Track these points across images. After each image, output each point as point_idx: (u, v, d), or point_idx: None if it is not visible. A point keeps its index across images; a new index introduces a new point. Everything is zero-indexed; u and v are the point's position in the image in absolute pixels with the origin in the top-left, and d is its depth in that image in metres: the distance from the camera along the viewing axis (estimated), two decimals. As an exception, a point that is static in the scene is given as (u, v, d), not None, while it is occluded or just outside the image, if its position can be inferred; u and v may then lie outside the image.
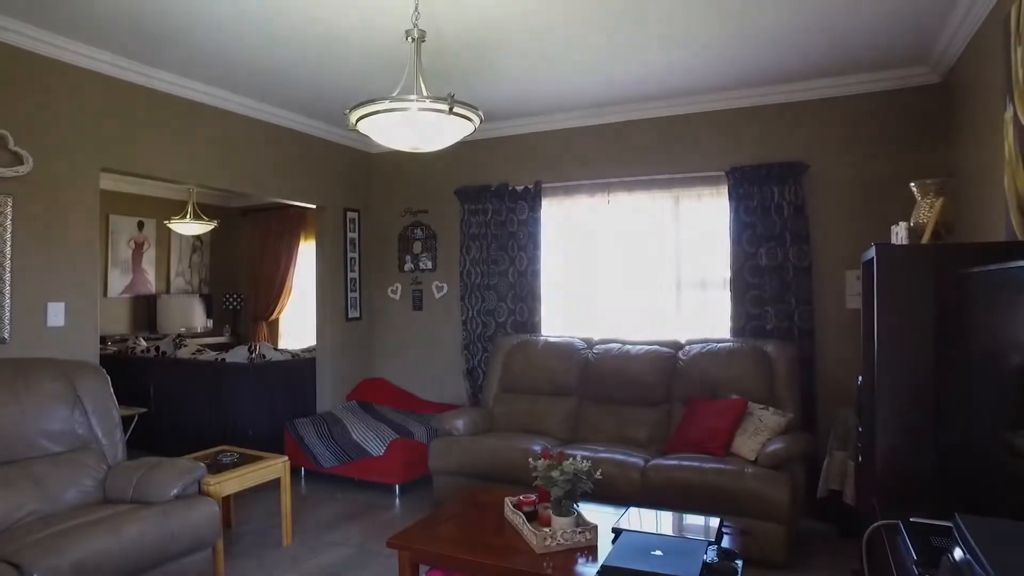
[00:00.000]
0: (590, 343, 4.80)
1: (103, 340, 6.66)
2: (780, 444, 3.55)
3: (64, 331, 3.63)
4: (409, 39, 2.79)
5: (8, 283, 3.40)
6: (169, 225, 7.07)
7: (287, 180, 5.20)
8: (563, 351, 4.75)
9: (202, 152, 4.47)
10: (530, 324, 5.20)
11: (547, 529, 2.56)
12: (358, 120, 2.68)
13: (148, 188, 7.48)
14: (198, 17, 3.29)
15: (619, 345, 4.63)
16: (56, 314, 3.60)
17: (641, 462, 3.75)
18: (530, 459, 3.68)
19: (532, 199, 5.21)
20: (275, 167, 5.07)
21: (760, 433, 3.69)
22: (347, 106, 2.70)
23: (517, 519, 2.72)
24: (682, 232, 4.85)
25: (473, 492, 3.31)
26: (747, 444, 3.69)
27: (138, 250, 7.65)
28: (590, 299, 5.18)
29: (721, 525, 2.67)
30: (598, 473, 2.65)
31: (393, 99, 2.54)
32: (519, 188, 5.27)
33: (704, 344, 4.37)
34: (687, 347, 4.44)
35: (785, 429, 3.75)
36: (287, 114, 5.03)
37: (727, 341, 4.34)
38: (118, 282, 7.42)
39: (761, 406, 3.87)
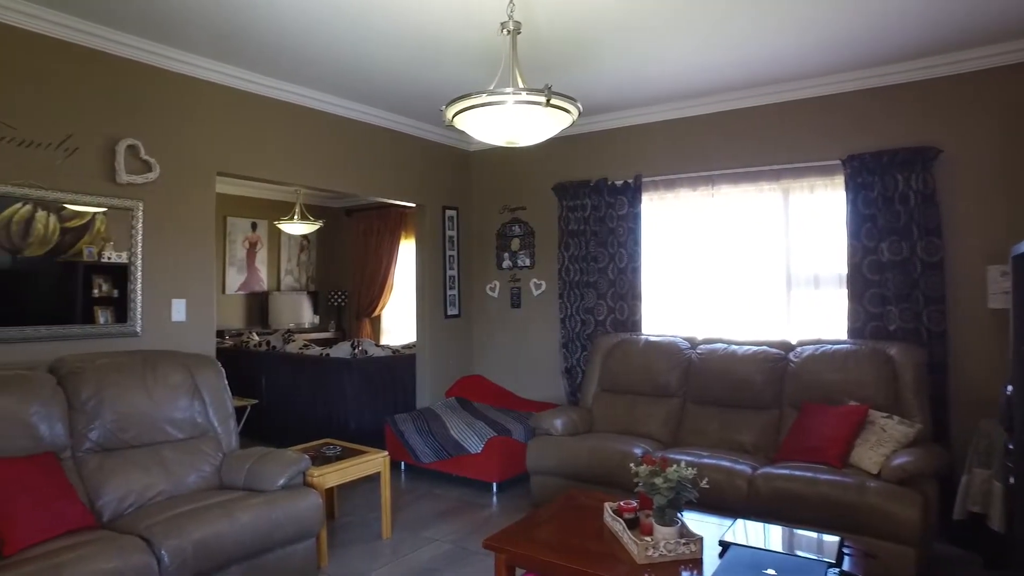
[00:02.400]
0: (693, 343, 4.59)
1: (221, 334, 7.11)
2: (908, 457, 3.22)
3: (185, 326, 3.87)
4: (504, 31, 2.74)
5: (140, 281, 3.66)
6: (278, 225, 7.45)
7: (387, 180, 5.32)
8: (665, 350, 4.57)
9: (307, 154, 4.64)
10: (630, 322, 5.05)
11: (649, 538, 2.44)
12: (454, 116, 2.67)
13: (260, 191, 7.90)
14: (300, 23, 3.39)
15: (724, 345, 4.40)
16: (179, 310, 3.85)
17: (748, 470, 3.53)
18: (630, 463, 3.57)
19: (632, 194, 5.05)
20: (376, 167, 5.19)
21: (884, 444, 3.38)
22: (443, 103, 2.69)
23: (617, 526, 2.61)
24: (792, 226, 4.55)
25: (571, 494, 3.23)
26: (868, 455, 3.39)
27: (252, 249, 8.11)
28: (693, 297, 4.96)
29: (842, 545, 2.45)
30: (704, 482, 2.49)
31: (489, 93, 2.50)
32: (618, 183, 5.12)
33: (817, 345, 4.06)
34: (798, 348, 4.15)
35: (913, 441, 3.41)
36: (386, 115, 5.14)
37: (843, 343, 4.01)
38: (235, 280, 7.90)
39: (884, 414, 3.54)
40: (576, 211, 5.30)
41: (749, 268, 4.71)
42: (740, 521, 2.77)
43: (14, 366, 3.00)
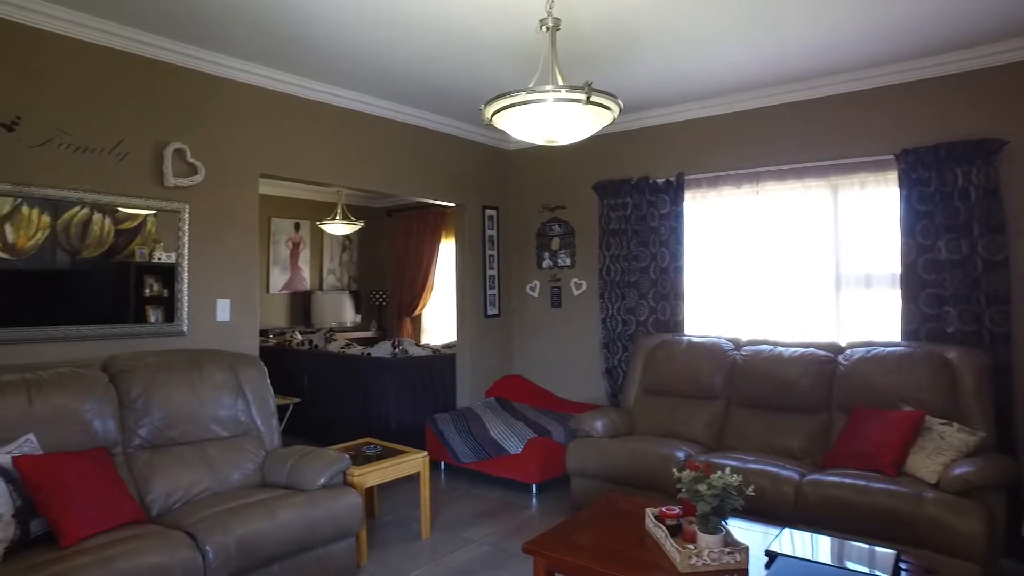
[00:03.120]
0: (737, 344, 4.48)
1: (265, 333, 7.25)
2: (970, 467, 3.05)
3: (230, 325, 3.95)
4: (543, 28, 2.70)
5: (186, 282, 3.75)
6: (321, 226, 7.55)
7: (428, 180, 5.33)
8: (708, 352, 4.47)
9: (348, 155, 4.68)
10: (672, 323, 4.95)
11: (692, 546, 2.37)
12: (493, 115, 2.64)
13: (303, 192, 8.02)
14: (341, 25, 3.41)
15: (770, 347, 4.27)
16: (223, 310, 3.92)
17: (795, 476, 3.42)
18: (673, 467, 3.49)
19: (674, 192, 4.95)
20: (416, 167, 5.21)
21: (942, 452, 3.22)
22: (482, 102, 2.66)
23: (659, 532, 2.55)
24: (841, 224, 4.39)
25: (612, 498, 3.17)
26: (925, 464, 3.23)
27: (295, 249, 8.25)
28: (737, 297, 4.84)
29: (898, 559, 2.34)
30: (750, 489, 2.41)
31: (528, 91, 2.46)
32: (660, 181, 5.03)
33: (869, 348, 3.91)
34: (848, 350, 4.00)
35: (975, 450, 3.24)
36: (426, 115, 5.15)
37: (897, 345, 3.85)
38: (278, 279, 8.05)
39: (942, 421, 3.38)
40: (617, 210, 5.22)
41: (795, 267, 4.56)
42: (787, 530, 2.67)
43: (70, 363, 3.10)
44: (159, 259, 3.66)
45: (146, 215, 3.60)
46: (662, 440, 4.16)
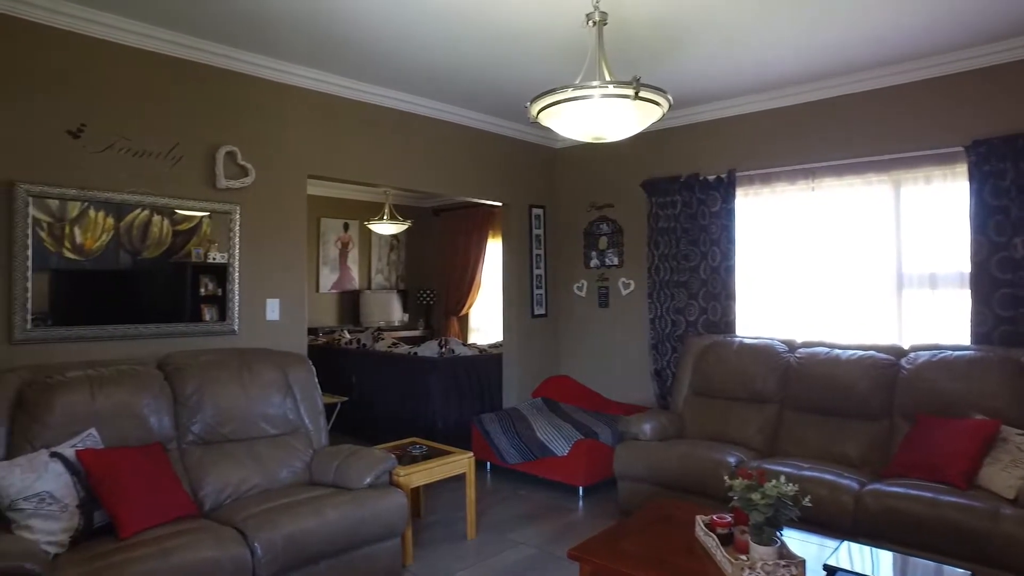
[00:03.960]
0: (792, 346, 4.32)
1: (315, 331, 7.39)
2: (1051, 481, 2.86)
3: (279, 324, 4.02)
4: (590, 23, 2.65)
5: (237, 282, 3.83)
6: (369, 226, 7.65)
7: (474, 179, 5.32)
8: (761, 354, 4.32)
9: (394, 155, 4.71)
10: (723, 323, 4.81)
11: (745, 557, 2.28)
12: (539, 112, 2.60)
13: (351, 192, 8.13)
14: (385, 27, 3.42)
15: (826, 349, 4.10)
16: (273, 309, 4.00)
17: (855, 485, 3.26)
18: (724, 473, 3.39)
19: (725, 189, 4.81)
20: (462, 167, 5.21)
21: (1020, 465, 3.01)
22: (528, 100, 2.63)
23: (710, 541, 2.47)
24: (904, 220, 4.18)
25: (660, 504, 3.09)
26: (1001, 477, 3.04)
27: (344, 249, 8.38)
28: (791, 298, 4.67)
29: (970, 578, 2.20)
30: (807, 500, 2.30)
31: (575, 87, 2.41)
32: (710, 178, 4.90)
33: (935, 352, 3.70)
34: (911, 354, 3.80)
35: (1054, 461, 3.04)
36: (472, 114, 5.14)
37: (967, 349, 3.64)
38: (328, 278, 8.19)
39: (1020, 431, 3.17)
40: (666, 208, 5.11)
41: (853, 267, 4.37)
42: (846, 543, 2.54)
43: (128, 361, 3.20)
44: (214, 259, 3.76)
45: (201, 216, 3.70)
46: (712, 444, 4.04)
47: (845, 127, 4.34)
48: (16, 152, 3.09)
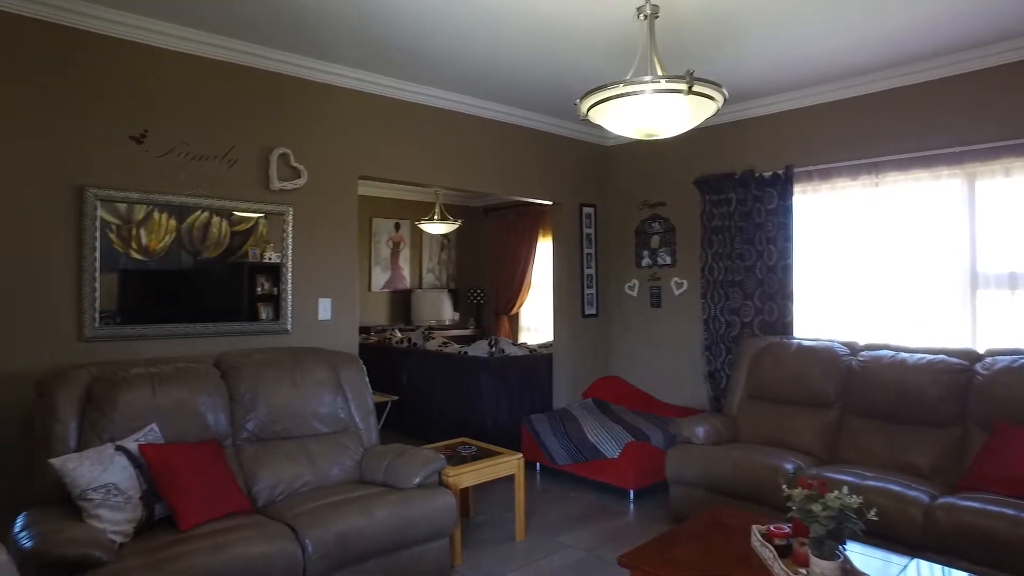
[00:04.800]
0: (853, 348, 4.13)
1: (367, 330, 7.50)
2: None
3: (330, 324, 4.08)
4: (641, 16, 2.58)
5: (290, 282, 3.90)
6: (419, 225, 7.71)
7: (524, 178, 5.30)
8: (820, 356, 4.15)
9: (443, 155, 4.72)
10: (780, 325, 4.65)
11: (804, 571, 2.19)
12: (589, 109, 2.55)
13: (403, 192, 8.22)
14: (433, 26, 3.43)
15: (891, 352, 3.90)
16: (325, 309, 4.06)
17: (925, 498, 3.08)
18: (781, 480, 3.27)
19: (782, 185, 4.64)
20: (512, 166, 5.19)
21: (1107, 478, 2.81)
22: (578, 97, 2.58)
23: (766, 553, 2.37)
24: (979, 216, 3.94)
25: (714, 511, 3.00)
26: (1085, 490, 2.83)
27: (395, 249, 8.48)
28: (852, 298, 4.48)
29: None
30: (872, 513, 2.18)
31: (626, 83, 2.35)
32: (767, 174, 4.74)
33: (1016, 356, 3.47)
34: (988, 359, 3.58)
35: None
36: (521, 112, 5.11)
37: (1051, 353, 3.41)
38: (380, 278, 8.30)
39: (1107, 441, 2.95)
40: (720, 205, 4.97)
41: (921, 266, 4.15)
42: (916, 561, 2.41)
43: (187, 359, 3.29)
44: (269, 259, 3.84)
45: (257, 218, 3.79)
46: (768, 449, 3.91)
47: (913, 118, 4.13)
48: (85, 159, 3.23)
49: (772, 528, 2.44)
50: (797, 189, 4.64)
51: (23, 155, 3.07)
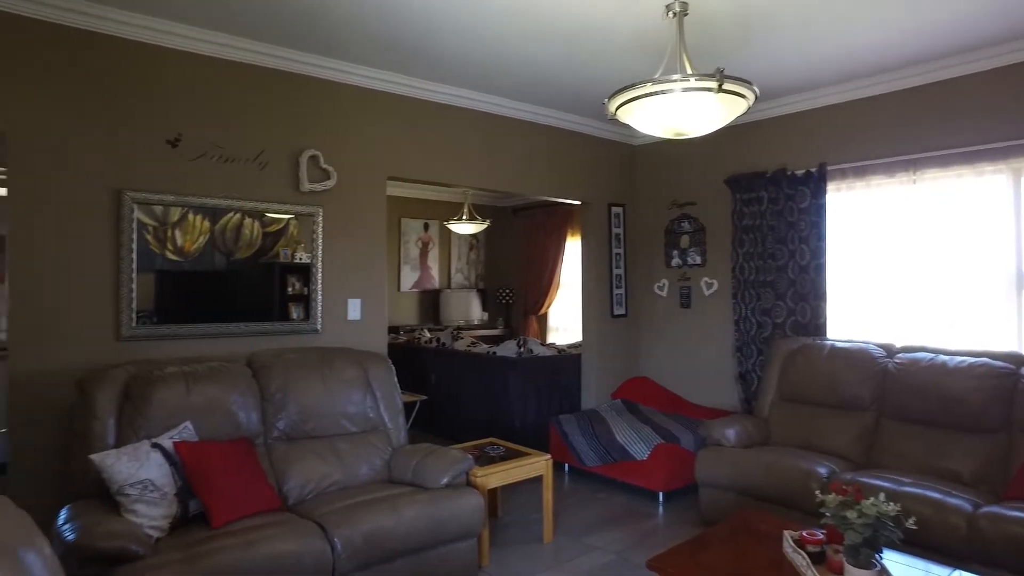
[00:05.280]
0: (890, 350, 4.02)
1: (396, 330, 7.56)
2: None
3: (360, 324, 4.12)
4: (669, 14, 2.55)
5: (320, 282, 3.95)
6: (448, 226, 7.74)
7: (552, 178, 5.28)
8: (855, 358, 4.05)
9: (472, 155, 4.73)
10: (813, 326, 4.56)
11: (838, 579, 2.13)
12: (618, 108, 2.53)
13: (431, 193, 8.26)
14: (459, 26, 3.43)
15: (929, 355, 3.79)
16: (354, 309, 4.10)
17: (968, 507, 2.98)
18: (814, 484, 3.20)
19: (815, 184, 4.55)
20: (539, 166, 5.17)
21: None
22: (606, 96, 2.56)
23: (799, 560, 2.32)
24: (1024, 214, 3.81)
25: (745, 515, 2.95)
26: None
27: (424, 249, 8.53)
28: (888, 299, 4.36)
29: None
30: (911, 521, 2.12)
31: (654, 82, 2.33)
32: (799, 172, 4.65)
33: (1063, 359, 3.36)
34: (1034, 361, 3.46)
35: None
36: (549, 112, 5.09)
37: (1100, 356, 3.28)
38: (409, 278, 8.35)
39: None
40: (751, 204, 4.89)
41: (961, 265, 4.03)
42: (958, 572, 2.32)
43: (219, 358, 3.35)
44: (300, 259, 3.89)
45: (288, 218, 3.84)
46: (801, 453, 3.83)
47: (954, 113, 4.01)
48: (123, 163, 3.31)
49: (805, 534, 2.39)
50: (831, 187, 4.55)
51: (67, 160, 3.16)
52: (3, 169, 3.50)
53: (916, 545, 2.76)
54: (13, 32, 3.02)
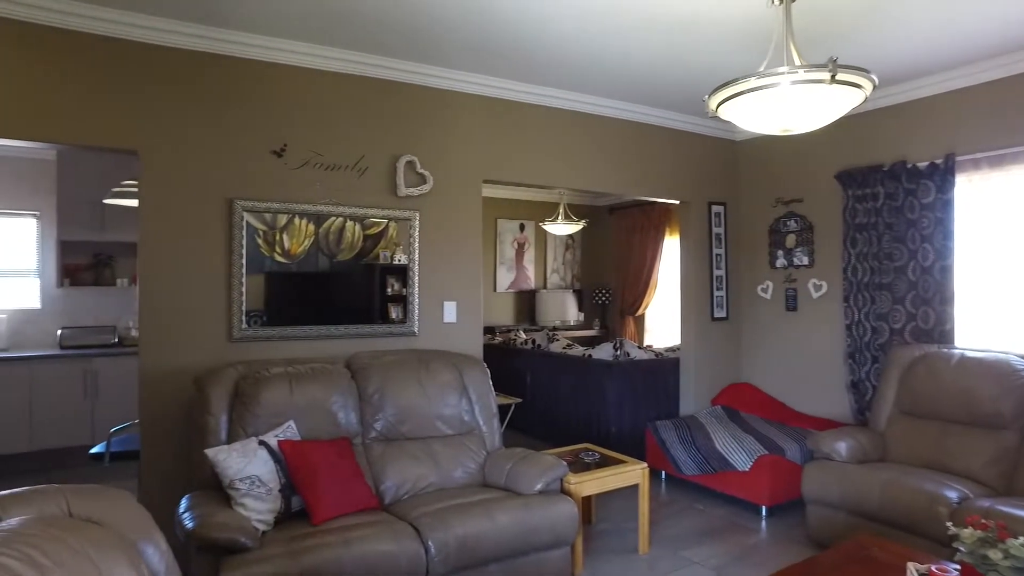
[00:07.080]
0: (1034, 362, 3.61)
1: (491, 331, 7.61)
2: None
3: (455, 326, 4.17)
4: (775, 1, 2.38)
5: (417, 285, 4.02)
6: (543, 226, 7.71)
7: (648, 177, 5.13)
8: (991, 370, 3.66)
9: (567, 156, 4.67)
10: (938, 332, 4.17)
11: (973, 621, 1.92)
12: (718, 105, 2.40)
13: (527, 193, 8.26)
14: (553, 26, 3.38)
15: (1083, 367, 3.37)
16: (450, 312, 4.15)
17: None
18: (943, 513, 2.93)
19: (941, 177, 4.16)
20: (636, 165, 5.04)
21: None
22: (706, 92, 2.43)
23: (925, 595, 2.11)
24: None
25: (861, 540, 2.72)
26: None
27: (520, 249, 8.55)
28: (1032, 303, 3.92)
29: None
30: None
31: (759, 75, 2.18)
32: (921, 165, 4.26)
33: None
34: None
35: None
36: (646, 109, 4.95)
37: None
38: (505, 278, 8.40)
39: None
40: (865, 201, 4.54)
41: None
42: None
43: (320, 360, 3.48)
44: (399, 261, 3.99)
45: (387, 221, 3.94)
46: (924, 473, 3.50)
47: (1110, 95, 3.54)
48: (233, 173, 3.51)
49: (935, 569, 2.16)
50: (960, 180, 4.14)
51: (186, 173, 3.40)
52: (135, 183, 3.81)
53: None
54: (145, 59, 3.28)
